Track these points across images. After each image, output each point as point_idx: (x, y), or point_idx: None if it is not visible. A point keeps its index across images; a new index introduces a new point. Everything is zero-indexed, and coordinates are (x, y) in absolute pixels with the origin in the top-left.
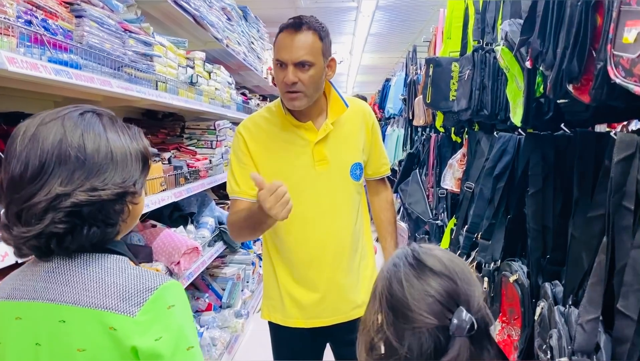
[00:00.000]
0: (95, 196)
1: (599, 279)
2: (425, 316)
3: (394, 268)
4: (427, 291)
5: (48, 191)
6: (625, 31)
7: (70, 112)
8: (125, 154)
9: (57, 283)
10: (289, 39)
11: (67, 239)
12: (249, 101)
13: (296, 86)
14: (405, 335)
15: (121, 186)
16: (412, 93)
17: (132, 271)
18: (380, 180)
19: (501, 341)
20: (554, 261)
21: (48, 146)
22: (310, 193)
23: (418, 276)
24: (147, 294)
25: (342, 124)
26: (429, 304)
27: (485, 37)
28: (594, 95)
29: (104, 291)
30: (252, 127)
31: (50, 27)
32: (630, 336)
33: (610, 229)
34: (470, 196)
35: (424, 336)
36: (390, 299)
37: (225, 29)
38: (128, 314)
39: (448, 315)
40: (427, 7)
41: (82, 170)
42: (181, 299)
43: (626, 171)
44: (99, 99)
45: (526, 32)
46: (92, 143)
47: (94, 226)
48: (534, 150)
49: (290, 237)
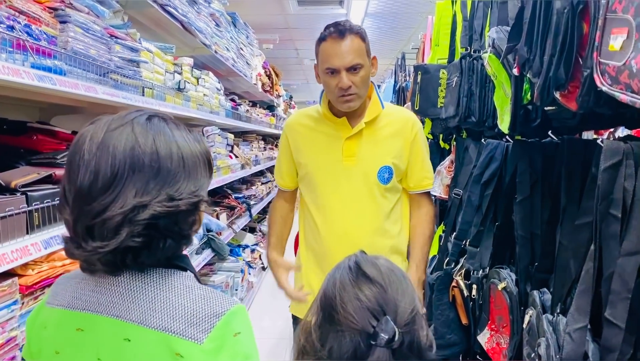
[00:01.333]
0: (172, 207)
1: (587, 288)
2: (350, 320)
3: (335, 270)
4: (358, 295)
5: (123, 202)
6: (611, 39)
7: (137, 117)
8: (194, 159)
9: (124, 299)
10: (337, 46)
11: (144, 254)
12: (238, 106)
13: (351, 89)
14: (329, 336)
15: (195, 195)
16: (401, 100)
17: (199, 292)
18: (424, 194)
19: (490, 349)
20: (542, 268)
21: (120, 154)
22: (334, 187)
23: (353, 280)
24: (215, 320)
25: (381, 127)
26: (356, 308)
27: (473, 44)
28: (581, 102)
29: (172, 313)
30: (293, 121)
31: (33, 33)
32: (618, 345)
33: (597, 237)
34: (458, 202)
35: (345, 340)
36: (324, 299)
37: (213, 35)
38: (196, 341)
39: (373, 322)
40: (415, 14)
41: (157, 179)
42: (247, 325)
43: (613, 179)
44: (84, 105)
45: (513, 39)
46: (164, 149)
47: (170, 239)
48: (522, 157)
49: (315, 228)
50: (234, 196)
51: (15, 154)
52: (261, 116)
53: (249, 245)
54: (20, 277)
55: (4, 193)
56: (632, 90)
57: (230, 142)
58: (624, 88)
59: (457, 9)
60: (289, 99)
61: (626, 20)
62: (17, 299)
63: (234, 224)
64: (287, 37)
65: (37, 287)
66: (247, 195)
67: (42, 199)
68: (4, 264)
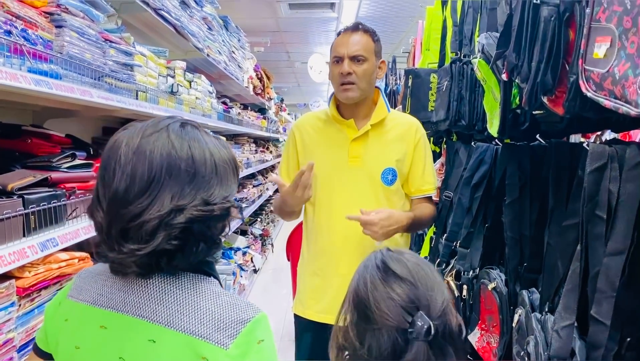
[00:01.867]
0: (207, 212)
1: (574, 287)
2: (385, 318)
3: (363, 269)
4: (390, 294)
5: (160, 206)
6: (596, 47)
7: (171, 123)
8: (225, 166)
9: (152, 300)
10: (347, 37)
11: (178, 257)
12: (229, 109)
13: (350, 77)
14: (366, 335)
15: (227, 200)
16: (392, 103)
17: (225, 298)
18: (425, 199)
19: (480, 348)
20: (530, 269)
21: (157, 159)
22: (340, 186)
23: (383, 279)
24: (241, 326)
25: (387, 130)
26: (390, 307)
27: (463, 49)
28: (568, 107)
29: (199, 317)
30: (302, 123)
31: (30, 37)
32: (603, 341)
33: (583, 237)
34: (449, 205)
35: (383, 337)
36: (356, 299)
37: (206, 38)
38: (222, 346)
39: (408, 318)
40: (406, 18)
41: (192, 184)
42: (269, 333)
43: (598, 181)
44: (78, 109)
45: (502, 45)
46: (199, 155)
47: (202, 243)
48: (511, 160)
49: (319, 228)
50: None
51: (10, 158)
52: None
53: (240, 248)
54: (17, 279)
55: (1, 196)
56: (615, 96)
57: None
58: (608, 94)
59: (447, 14)
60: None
61: (609, 29)
62: (14, 301)
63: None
64: (278, 40)
65: (34, 289)
66: (238, 198)
67: (39, 202)
68: (2, 267)
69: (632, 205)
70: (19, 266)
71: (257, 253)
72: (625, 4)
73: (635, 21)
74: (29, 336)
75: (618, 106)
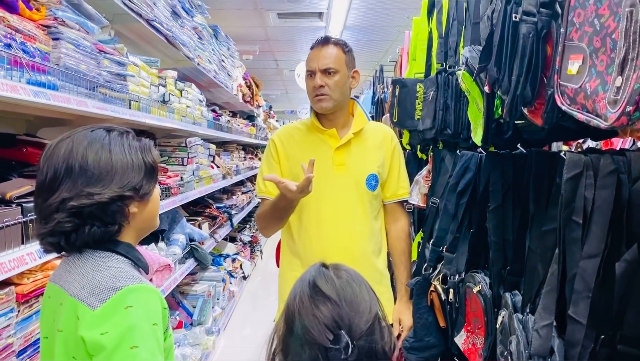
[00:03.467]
0: (91, 200)
1: (552, 288)
2: (308, 335)
3: (299, 282)
4: (314, 312)
5: (57, 196)
6: (570, 64)
7: (85, 129)
8: (125, 164)
9: (65, 272)
10: (318, 51)
11: (73, 237)
12: (219, 117)
13: (323, 89)
14: (290, 348)
15: (117, 191)
16: (380, 111)
17: (113, 271)
18: (399, 205)
19: (467, 350)
20: (513, 272)
21: (60, 160)
22: (328, 194)
23: (310, 296)
24: (112, 292)
25: (366, 138)
26: (313, 324)
27: (448, 60)
28: (546, 118)
29: (84, 283)
30: (283, 135)
31: (28, 50)
32: (580, 339)
33: (561, 241)
34: (435, 211)
35: (305, 353)
36: (287, 311)
37: (196, 47)
38: (91, 307)
39: (329, 337)
40: (392, 27)
41: (84, 178)
42: (143, 302)
43: (574, 188)
44: (71, 118)
45: (484, 60)
46: (93, 155)
47: (94, 226)
48: (494, 168)
49: (306, 234)
50: (215, 205)
51: (7, 167)
52: (241, 126)
53: (230, 254)
54: (16, 286)
55: (0, 205)
56: (587, 110)
57: (212, 153)
58: (581, 108)
59: (433, 26)
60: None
61: (581, 47)
62: (13, 307)
63: (216, 233)
64: (266, 49)
65: (32, 295)
66: (228, 205)
67: None
68: (2, 274)
69: (606, 211)
70: (18, 273)
71: (246, 260)
72: (595, 26)
73: (604, 41)
74: (28, 342)
75: (590, 119)
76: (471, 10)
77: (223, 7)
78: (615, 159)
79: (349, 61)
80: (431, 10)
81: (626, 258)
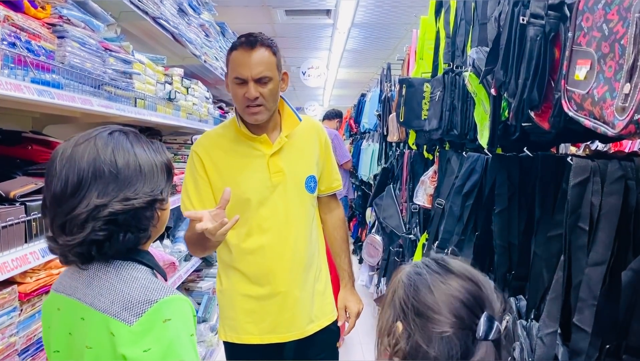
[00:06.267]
0: (128, 205)
1: (557, 295)
2: (452, 320)
3: (417, 276)
4: (454, 295)
5: (87, 203)
6: (577, 69)
7: (100, 132)
8: (151, 166)
9: (84, 284)
10: (246, 56)
11: (106, 245)
12: (226, 114)
13: (258, 100)
14: (432, 338)
15: (150, 194)
16: (387, 109)
17: (142, 282)
18: (333, 196)
19: None
20: (518, 276)
21: (84, 164)
22: (267, 204)
23: (444, 281)
24: (147, 306)
25: (297, 138)
26: (456, 308)
27: (455, 60)
28: (553, 122)
29: (113, 298)
30: (207, 144)
31: (33, 49)
32: (585, 348)
33: (567, 248)
34: (440, 212)
35: (452, 340)
36: (417, 305)
37: (203, 45)
38: (127, 323)
39: (475, 320)
40: (400, 25)
41: (116, 183)
42: (180, 314)
43: (581, 195)
44: (77, 115)
45: (491, 62)
46: (122, 159)
47: (129, 232)
48: (500, 170)
49: (247, 248)
50: None
51: (12, 165)
52: None
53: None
54: (19, 285)
55: (3, 203)
56: (595, 117)
57: None
58: (588, 114)
59: (441, 25)
60: None
61: (589, 53)
62: (16, 306)
63: None
64: None
65: (35, 294)
66: None
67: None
68: (5, 273)
69: (613, 218)
70: (21, 272)
71: None
72: (603, 31)
73: (613, 47)
74: (30, 341)
75: (597, 126)
76: (479, 10)
77: (230, 4)
78: (622, 165)
79: (279, 62)
80: (439, 10)
81: (632, 266)
